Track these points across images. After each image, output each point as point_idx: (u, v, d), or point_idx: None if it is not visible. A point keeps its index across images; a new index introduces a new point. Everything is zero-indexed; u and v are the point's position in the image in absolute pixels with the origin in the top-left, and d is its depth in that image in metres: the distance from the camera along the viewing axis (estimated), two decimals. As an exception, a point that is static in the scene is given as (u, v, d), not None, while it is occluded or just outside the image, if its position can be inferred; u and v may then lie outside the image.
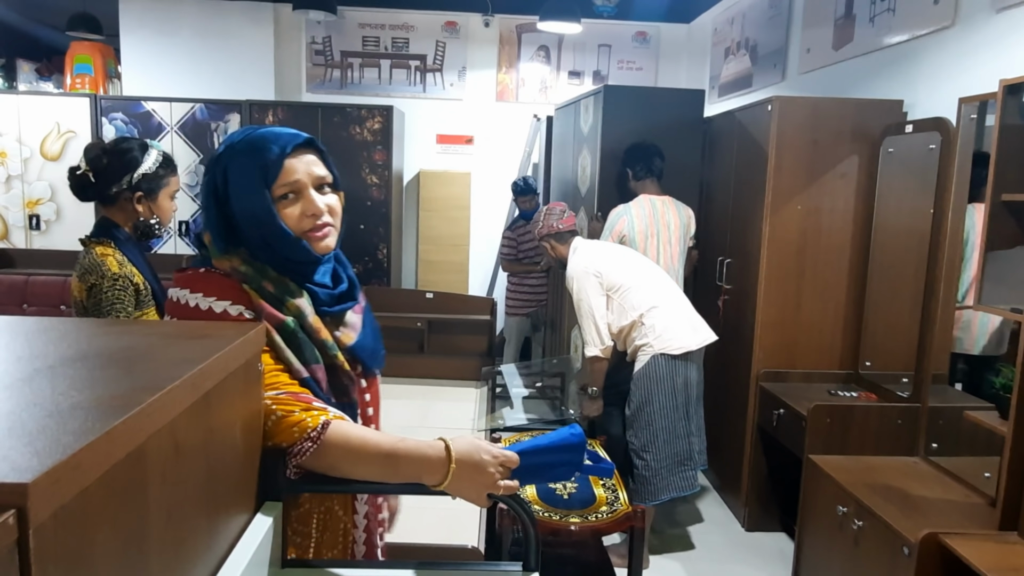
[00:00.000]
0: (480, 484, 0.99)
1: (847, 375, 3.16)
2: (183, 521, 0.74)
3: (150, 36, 5.33)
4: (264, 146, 1.07)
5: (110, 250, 1.73)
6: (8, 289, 4.13)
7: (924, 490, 2.38)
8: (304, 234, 1.09)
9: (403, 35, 5.66)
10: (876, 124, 2.97)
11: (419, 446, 1.01)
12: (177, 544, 0.73)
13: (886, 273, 3.00)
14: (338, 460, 1.00)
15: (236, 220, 1.08)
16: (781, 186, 3.06)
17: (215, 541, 0.84)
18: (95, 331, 0.94)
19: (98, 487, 0.56)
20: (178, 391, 0.70)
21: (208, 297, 1.04)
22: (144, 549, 0.65)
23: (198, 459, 0.78)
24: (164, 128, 4.88)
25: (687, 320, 2.90)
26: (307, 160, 1.11)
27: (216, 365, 0.81)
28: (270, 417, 1.00)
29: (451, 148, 5.80)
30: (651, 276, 2.96)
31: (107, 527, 0.58)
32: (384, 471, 1.02)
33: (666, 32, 5.80)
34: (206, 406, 0.79)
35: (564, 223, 3.06)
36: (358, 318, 1.20)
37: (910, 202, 2.82)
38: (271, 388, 1.03)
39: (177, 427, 0.71)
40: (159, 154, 1.81)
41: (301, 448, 0.99)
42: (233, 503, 0.91)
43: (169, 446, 0.70)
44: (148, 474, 0.65)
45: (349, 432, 1.02)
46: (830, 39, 3.59)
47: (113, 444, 0.57)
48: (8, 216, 4.90)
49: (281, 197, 1.08)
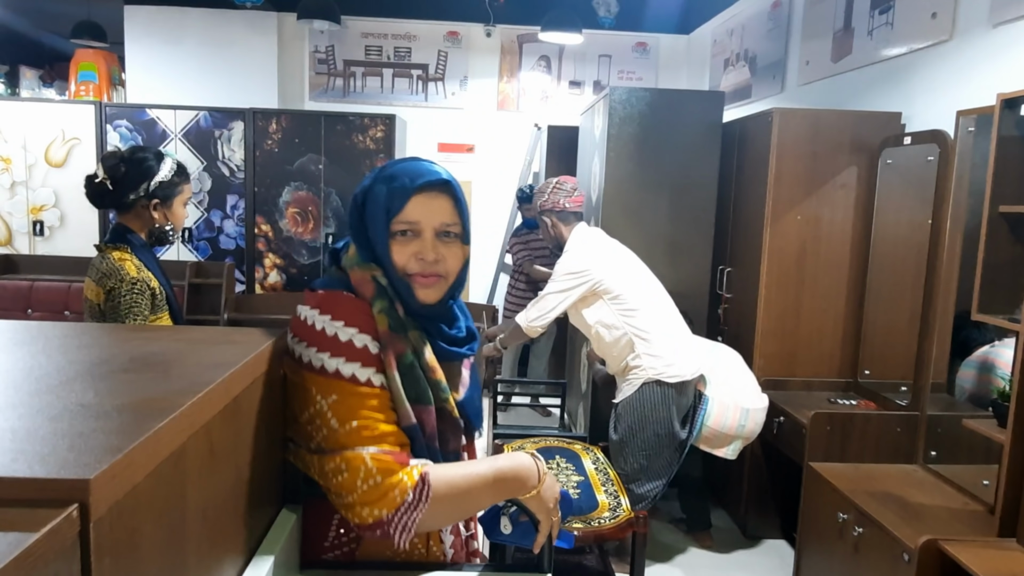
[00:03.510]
0: (553, 498, 1.03)
1: (846, 383, 3.19)
2: (216, 520, 0.77)
3: (154, 44, 5.37)
4: (397, 178, 1.05)
5: (127, 255, 1.77)
6: (12, 294, 4.15)
7: (923, 497, 2.41)
8: (409, 276, 1.05)
9: (405, 44, 5.71)
10: (875, 136, 3.01)
11: (514, 462, 1.01)
12: (211, 542, 0.75)
13: (885, 282, 3.04)
14: (447, 508, 0.98)
15: (369, 241, 1.06)
16: (781, 196, 3.10)
17: (243, 541, 0.87)
18: (123, 337, 0.97)
19: (146, 484, 0.58)
20: (213, 394, 0.73)
21: (336, 321, 1.00)
22: (183, 545, 0.68)
23: (229, 461, 0.81)
24: (168, 136, 4.91)
25: (685, 347, 2.77)
26: (437, 203, 1.06)
27: (245, 369, 0.83)
28: (368, 479, 0.93)
29: (452, 157, 5.84)
30: (652, 291, 2.80)
31: (153, 522, 0.61)
32: (492, 498, 1.02)
33: (666, 43, 5.86)
34: (236, 409, 0.82)
35: (572, 202, 2.87)
36: (467, 373, 1.16)
37: (908, 213, 2.86)
38: (373, 440, 0.96)
39: (212, 429, 0.74)
40: (174, 163, 1.85)
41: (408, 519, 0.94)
42: (259, 503, 0.93)
43: (205, 447, 0.72)
44: (187, 473, 0.68)
45: (448, 475, 0.98)
46: (829, 51, 3.64)
47: (159, 444, 0.60)
48: (12, 222, 4.92)
49: (400, 233, 1.05)
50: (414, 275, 1.05)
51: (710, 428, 2.83)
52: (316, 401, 0.98)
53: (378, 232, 1.04)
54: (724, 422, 2.82)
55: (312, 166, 4.92)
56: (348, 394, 0.97)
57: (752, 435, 2.88)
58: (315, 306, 1.03)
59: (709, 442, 2.87)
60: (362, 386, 0.98)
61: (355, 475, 0.94)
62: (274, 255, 4.99)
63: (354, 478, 0.94)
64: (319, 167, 4.92)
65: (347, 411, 0.97)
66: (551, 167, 5.49)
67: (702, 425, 2.83)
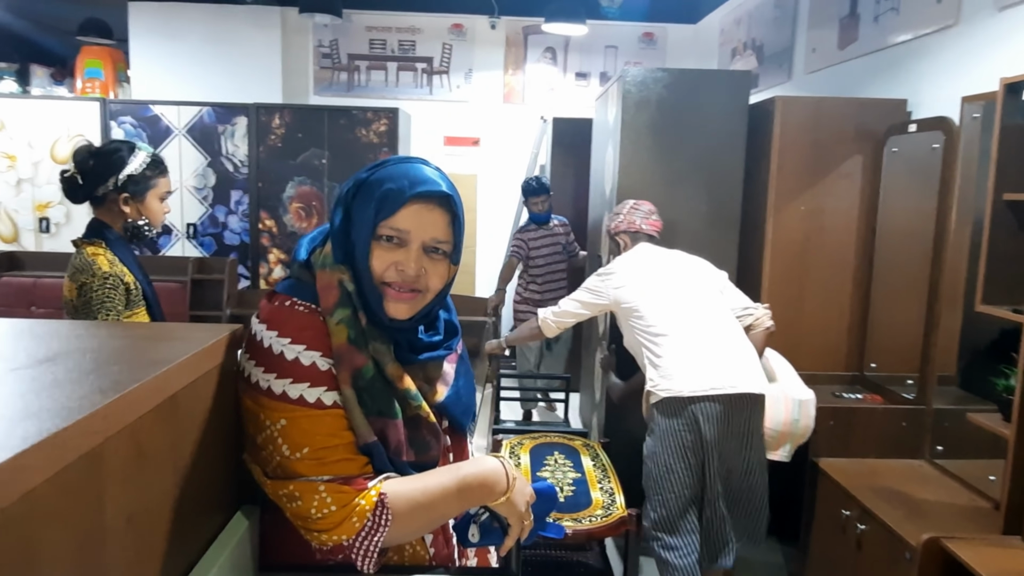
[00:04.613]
0: (524, 503, 0.98)
1: (852, 377, 3.12)
2: (147, 524, 0.74)
3: (158, 40, 5.38)
4: (395, 179, 0.97)
5: (101, 250, 1.74)
6: (16, 291, 4.18)
7: (928, 493, 2.35)
8: (383, 286, 0.98)
9: (410, 38, 5.68)
10: (880, 124, 2.93)
11: (480, 468, 0.96)
12: (139, 547, 0.73)
13: (891, 274, 2.96)
14: (411, 524, 0.94)
15: (351, 238, 0.99)
16: (784, 186, 3.04)
17: (184, 544, 0.84)
18: (71, 333, 0.94)
19: (45, 490, 0.55)
20: (140, 393, 0.70)
21: (283, 338, 0.94)
22: (101, 554, 0.65)
23: (165, 463, 0.78)
24: (172, 131, 4.91)
25: (707, 357, 2.32)
26: (432, 216, 0.99)
27: (185, 367, 0.81)
28: (322, 509, 0.90)
29: (458, 150, 5.81)
30: (686, 313, 2.41)
31: (57, 529, 0.58)
32: (458, 507, 0.98)
33: (673, 33, 5.78)
34: (173, 409, 0.79)
35: (649, 224, 2.68)
36: (452, 368, 1.11)
37: (914, 202, 2.79)
38: (325, 468, 0.92)
39: (140, 430, 0.71)
40: (147, 156, 1.81)
41: (369, 543, 0.90)
42: (205, 507, 0.90)
43: (130, 449, 0.70)
44: (106, 477, 0.65)
45: (408, 490, 0.94)
46: (835, 39, 3.56)
47: (63, 447, 0.57)
48: (18, 219, 4.95)
49: (385, 238, 0.98)
50: (389, 285, 0.98)
51: (765, 428, 2.55)
52: (266, 427, 0.93)
53: (362, 232, 0.97)
54: (777, 417, 2.55)
55: (316, 161, 4.90)
56: (298, 418, 0.93)
57: (806, 432, 2.61)
58: (264, 320, 0.98)
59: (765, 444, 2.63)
60: (311, 407, 0.93)
61: (308, 504, 0.91)
62: (278, 250, 4.98)
63: (308, 506, 0.91)
64: (323, 162, 4.90)
65: (299, 436, 0.92)
66: (557, 160, 5.44)
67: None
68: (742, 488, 2.36)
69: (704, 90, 3.19)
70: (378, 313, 0.99)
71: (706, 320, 2.40)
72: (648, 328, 2.40)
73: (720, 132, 3.18)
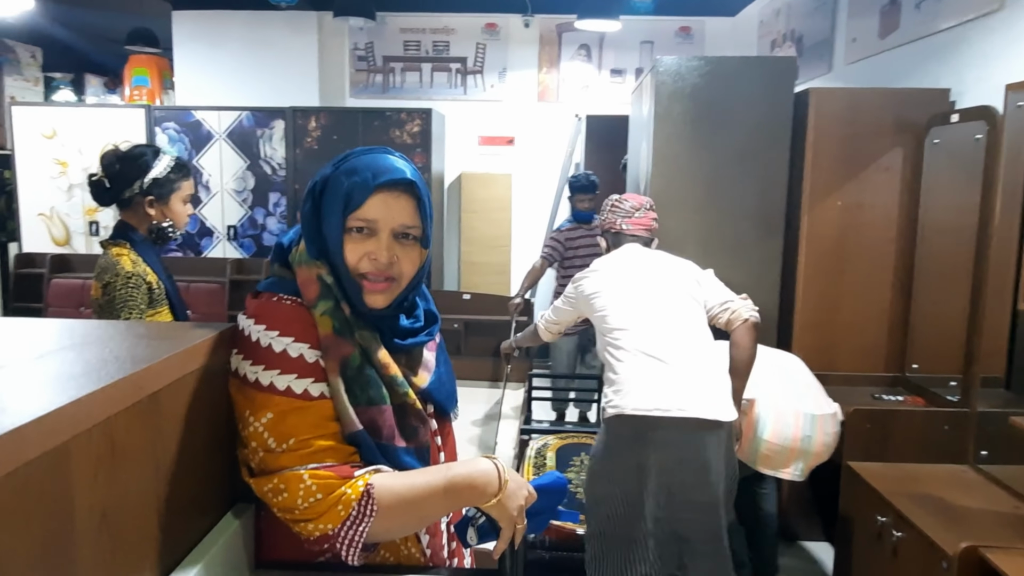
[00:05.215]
0: (518, 506, 0.97)
1: (893, 378, 3.01)
2: (125, 522, 0.75)
3: (201, 48, 5.52)
4: (359, 172, 0.99)
5: (125, 250, 1.80)
6: (67, 292, 4.35)
7: (969, 500, 2.25)
8: (359, 276, 1.01)
9: (444, 38, 5.71)
10: (921, 115, 2.82)
11: (470, 469, 0.95)
12: (117, 544, 0.73)
13: (934, 270, 2.85)
14: (396, 520, 0.94)
15: (322, 233, 1.01)
16: (819, 181, 2.94)
17: (169, 542, 0.85)
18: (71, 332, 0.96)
19: (5, 484, 0.56)
20: (112, 391, 0.71)
21: (270, 331, 0.96)
22: (69, 549, 0.66)
23: (143, 459, 0.79)
24: (213, 136, 5.04)
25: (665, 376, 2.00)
26: (398, 203, 1.00)
27: (166, 366, 0.81)
28: (308, 498, 0.91)
29: (492, 150, 5.81)
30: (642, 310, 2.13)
31: (18, 524, 0.59)
32: (446, 507, 0.98)
33: (710, 26, 5.67)
34: (154, 406, 0.80)
35: (632, 223, 2.34)
36: (432, 356, 1.13)
37: (958, 196, 2.67)
38: (310, 458, 0.92)
39: (114, 426, 0.72)
40: (171, 159, 1.86)
41: (354, 533, 0.91)
42: (193, 505, 0.91)
43: (102, 446, 0.70)
44: (73, 473, 0.66)
45: (394, 485, 0.94)
46: (876, 27, 3.44)
47: (21, 443, 0.58)
48: (69, 223, 5.15)
49: (355, 230, 1.00)
50: (365, 275, 1.01)
51: (769, 443, 2.42)
52: (250, 422, 0.94)
53: (332, 227, 0.99)
54: (785, 432, 2.39)
55: (351, 162, 4.95)
56: (285, 410, 0.94)
57: (823, 450, 2.43)
58: (251, 315, 0.99)
59: (770, 461, 2.45)
60: (298, 399, 0.94)
61: (294, 494, 0.91)
62: (315, 251, 5.05)
63: (294, 497, 0.91)
64: (358, 163, 4.95)
65: (285, 428, 0.93)
66: (590, 158, 5.40)
67: (760, 442, 2.43)
68: (693, 526, 2.01)
69: (744, 79, 2.98)
70: (357, 305, 1.01)
71: (672, 336, 2.09)
72: (613, 341, 2.11)
73: (762, 124, 2.97)
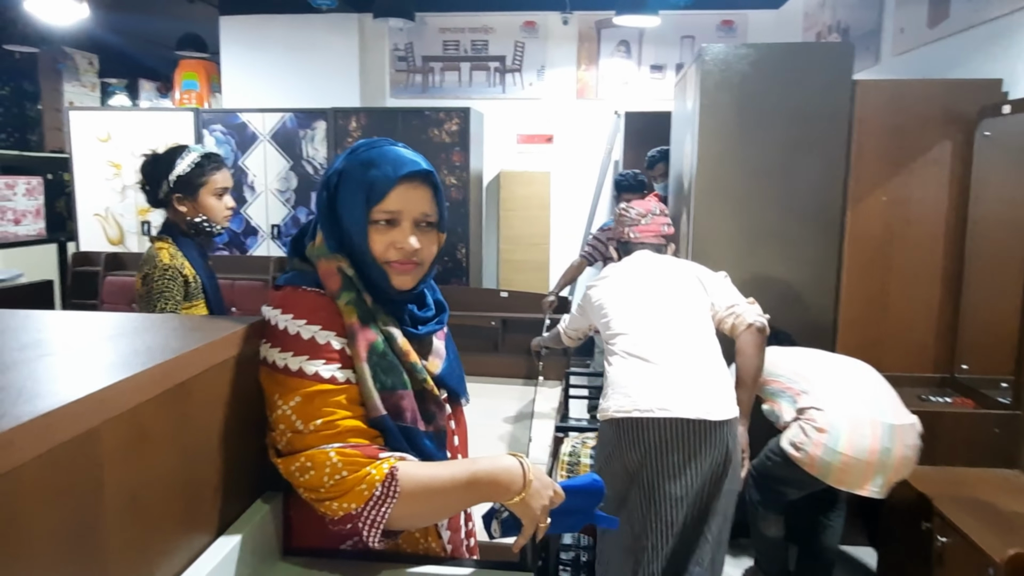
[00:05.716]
0: (541, 506, 0.98)
1: (941, 379, 2.92)
2: (153, 505, 0.78)
3: (246, 51, 5.66)
4: (378, 165, 1.03)
5: (166, 244, 1.86)
6: (120, 289, 4.52)
7: (1019, 506, 2.17)
8: (387, 264, 1.04)
9: (482, 37, 5.73)
10: (971, 106, 2.72)
11: (494, 466, 0.97)
12: (146, 525, 0.76)
13: (985, 268, 2.75)
14: (417, 507, 0.96)
15: (342, 226, 1.05)
16: (864, 175, 2.87)
17: (198, 526, 0.88)
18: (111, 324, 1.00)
19: (35, 467, 0.59)
20: (141, 380, 0.74)
21: (298, 320, 1.00)
22: (101, 526, 0.69)
23: (172, 445, 0.81)
24: (258, 137, 5.16)
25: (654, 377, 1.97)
26: (417, 193, 1.05)
27: (195, 356, 0.84)
28: (334, 475, 0.93)
29: (531, 148, 5.81)
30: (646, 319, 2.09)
31: (49, 503, 0.62)
32: (467, 501, 1.00)
33: (753, 19, 5.56)
34: (184, 395, 0.83)
35: (640, 231, 2.29)
36: (442, 344, 1.16)
37: (1010, 190, 2.58)
38: (337, 438, 0.95)
39: (143, 413, 0.75)
40: (197, 155, 1.91)
41: (376, 514, 0.93)
42: (222, 492, 0.94)
43: (132, 431, 0.73)
44: (103, 456, 0.69)
45: (419, 473, 0.96)
46: (925, 17, 3.33)
47: (52, 426, 0.61)
48: (123, 223, 5.34)
49: (380, 222, 1.03)
50: (392, 263, 1.05)
51: (844, 456, 2.19)
52: (279, 406, 0.97)
53: (355, 219, 1.03)
54: (862, 444, 2.18)
55: (391, 162, 5.02)
56: (312, 393, 0.97)
57: (905, 464, 2.23)
58: (277, 305, 1.03)
59: (846, 476, 2.22)
60: (325, 383, 0.97)
61: (320, 472, 0.93)
62: (356, 249, 5.13)
63: (320, 475, 0.94)
64: (397, 162, 5.01)
65: (312, 410, 0.96)
66: (628, 155, 5.36)
67: (833, 453, 2.21)
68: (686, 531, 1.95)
69: (796, 67, 2.85)
70: (385, 289, 1.05)
71: (665, 337, 2.05)
72: (610, 347, 2.10)
73: (817, 114, 2.84)
